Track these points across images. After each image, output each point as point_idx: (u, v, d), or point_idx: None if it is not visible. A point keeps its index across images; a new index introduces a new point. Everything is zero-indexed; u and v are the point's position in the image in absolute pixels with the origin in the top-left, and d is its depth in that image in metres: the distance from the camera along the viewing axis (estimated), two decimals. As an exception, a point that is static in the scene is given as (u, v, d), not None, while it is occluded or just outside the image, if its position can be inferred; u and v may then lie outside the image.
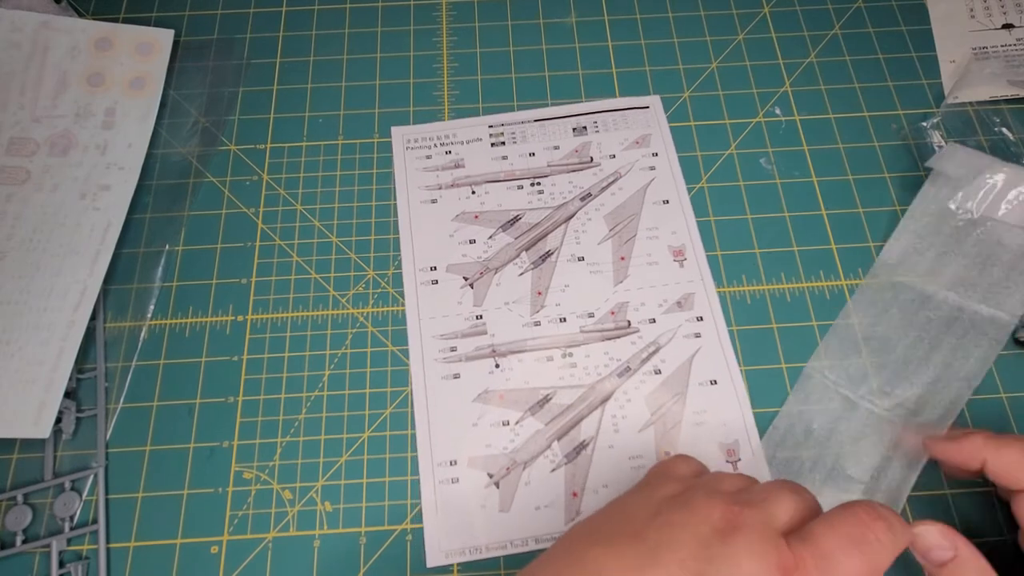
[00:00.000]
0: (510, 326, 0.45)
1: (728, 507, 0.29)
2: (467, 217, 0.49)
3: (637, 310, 0.46)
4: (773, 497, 0.30)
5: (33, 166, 0.49)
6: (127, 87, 0.51)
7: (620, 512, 0.32)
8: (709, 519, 0.29)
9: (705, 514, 0.29)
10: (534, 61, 0.55)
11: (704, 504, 0.30)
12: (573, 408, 0.43)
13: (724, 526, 0.28)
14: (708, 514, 0.29)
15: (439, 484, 0.41)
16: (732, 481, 0.32)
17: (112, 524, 0.41)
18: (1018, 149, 0.50)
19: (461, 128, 0.52)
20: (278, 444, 0.43)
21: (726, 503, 0.29)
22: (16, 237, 0.46)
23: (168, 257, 0.48)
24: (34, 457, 0.43)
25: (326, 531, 0.41)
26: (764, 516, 0.29)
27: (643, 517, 0.30)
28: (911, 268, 0.46)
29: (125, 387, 0.44)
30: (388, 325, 0.46)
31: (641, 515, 0.31)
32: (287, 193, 0.50)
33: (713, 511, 0.29)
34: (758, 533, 0.28)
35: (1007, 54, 0.54)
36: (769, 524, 0.29)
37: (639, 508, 0.31)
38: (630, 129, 0.52)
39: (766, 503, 0.30)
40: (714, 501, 0.30)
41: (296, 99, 0.53)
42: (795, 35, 0.55)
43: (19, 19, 0.52)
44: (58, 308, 0.45)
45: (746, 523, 0.28)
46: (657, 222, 0.48)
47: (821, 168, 0.51)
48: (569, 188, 0.49)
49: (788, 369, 0.44)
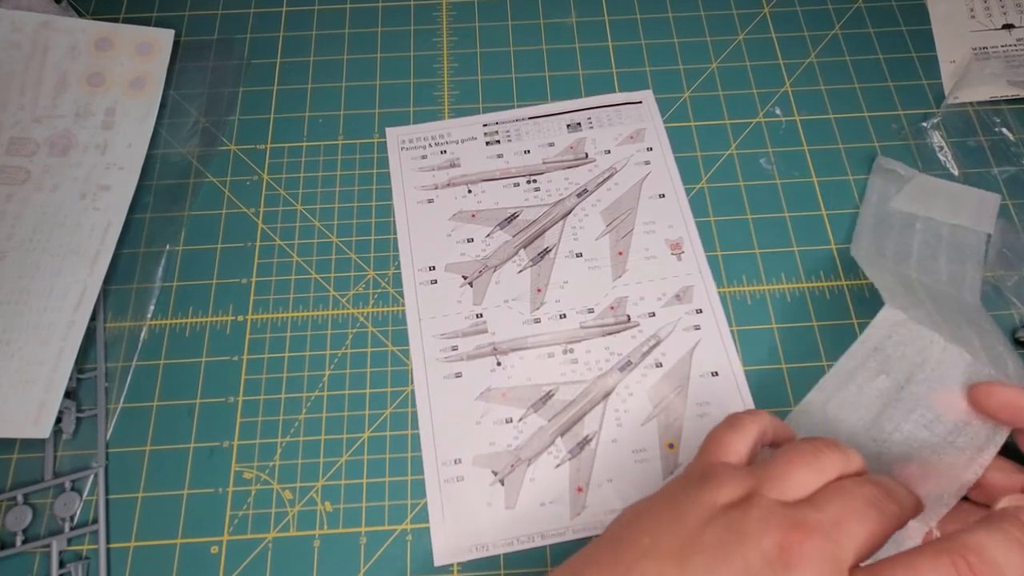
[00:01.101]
0: (510, 324, 0.45)
1: (787, 533, 0.26)
2: (464, 216, 0.49)
3: (636, 304, 0.46)
4: (848, 517, 0.27)
5: (33, 166, 0.48)
6: (127, 87, 0.51)
7: (671, 511, 0.29)
8: (761, 547, 0.26)
9: (756, 540, 0.26)
10: (534, 61, 0.55)
11: (760, 527, 0.26)
12: (575, 404, 0.43)
13: (778, 556, 0.25)
14: (760, 540, 0.26)
15: (444, 483, 0.41)
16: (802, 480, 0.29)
17: (112, 524, 0.41)
18: (1018, 149, 0.50)
19: (456, 127, 0.52)
20: (278, 444, 0.43)
21: (785, 527, 0.26)
22: (16, 237, 0.46)
23: (168, 257, 0.48)
24: (34, 457, 0.42)
25: (326, 531, 0.41)
26: (830, 549, 0.26)
27: (694, 527, 0.27)
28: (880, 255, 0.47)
29: (125, 387, 0.44)
30: (388, 325, 0.46)
31: (692, 523, 0.28)
32: (287, 193, 0.50)
33: (767, 536, 0.26)
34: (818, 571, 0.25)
35: (1007, 54, 0.54)
36: (836, 559, 0.26)
37: (690, 513, 0.28)
38: (624, 124, 0.52)
39: (838, 528, 0.26)
40: (771, 522, 0.26)
41: (296, 99, 0.53)
42: (795, 35, 0.56)
43: (19, 19, 0.52)
44: (58, 308, 0.44)
45: (806, 556, 0.25)
46: (654, 216, 0.48)
47: (821, 168, 0.51)
48: (565, 184, 0.49)
49: (788, 369, 0.44)
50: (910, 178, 0.49)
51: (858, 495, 0.28)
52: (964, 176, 0.50)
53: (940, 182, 0.49)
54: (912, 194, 0.48)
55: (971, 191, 0.48)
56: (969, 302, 0.45)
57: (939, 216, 0.47)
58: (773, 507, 0.27)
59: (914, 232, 0.47)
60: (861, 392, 0.37)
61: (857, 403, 0.37)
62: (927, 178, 0.49)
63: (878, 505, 0.27)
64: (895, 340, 0.38)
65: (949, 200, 0.48)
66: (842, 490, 0.28)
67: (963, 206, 0.48)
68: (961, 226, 0.47)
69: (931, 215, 0.48)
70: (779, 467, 0.29)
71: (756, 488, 0.28)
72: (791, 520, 0.26)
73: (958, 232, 0.47)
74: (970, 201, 0.48)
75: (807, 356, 0.45)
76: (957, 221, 0.47)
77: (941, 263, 0.46)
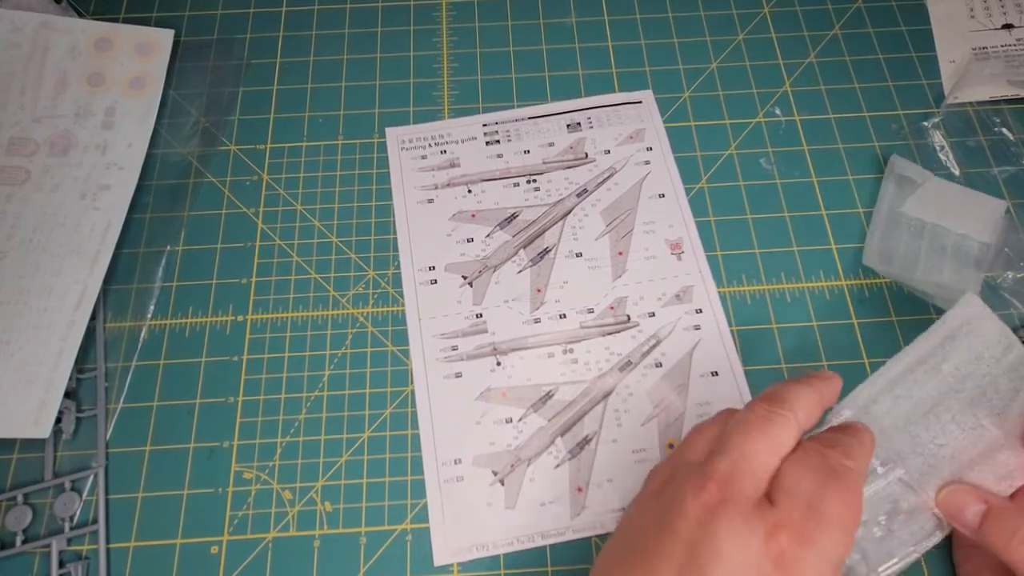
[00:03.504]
0: (510, 324, 0.45)
1: (703, 487, 0.27)
2: (464, 216, 0.49)
3: (636, 304, 0.46)
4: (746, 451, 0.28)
5: (33, 166, 0.48)
6: (127, 87, 0.51)
7: (622, 521, 0.32)
8: (686, 511, 0.27)
9: (680, 506, 0.28)
10: (534, 61, 0.55)
11: (679, 492, 0.28)
12: (575, 404, 0.43)
13: (704, 515, 0.27)
14: (683, 505, 0.27)
15: (444, 483, 0.41)
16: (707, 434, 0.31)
17: (112, 524, 0.41)
18: (1018, 149, 0.50)
19: (455, 127, 0.52)
20: (278, 444, 0.43)
21: (699, 481, 0.28)
22: (16, 237, 0.46)
23: (168, 257, 0.48)
24: (34, 457, 0.42)
25: (326, 531, 0.41)
26: (742, 484, 0.27)
27: (637, 523, 0.30)
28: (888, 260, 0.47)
29: (125, 387, 0.44)
30: (388, 325, 0.46)
31: (635, 521, 0.30)
32: (287, 193, 0.50)
33: (689, 498, 0.27)
34: (739, 511, 0.27)
35: (1007, 54, 0.54)
36: (750, 491, 0.27)
37: (632, 512, 0.31)
38: (624, 124, 0.52)
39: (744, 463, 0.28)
40: (688, 483, 0.28)
41: (296, 99, 0.53)
42: (795, 35, 0.56)
43: (19, 19, 0.52)
44: (58, 308, 0.44)
45: (724, 500, 0.27)
46: (654, 216, 0.48)
47: (821, 168, 0.51)
48: (565, 184, 0.49)
49: (788, 369, 0.44)
50: (923, 182, 0.48)
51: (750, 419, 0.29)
52: (964, 176, 0.50)
53: (952, 186, 0.48)
54: (924, 198, 0.48)
55: (980, 197, 0.48)
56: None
57: (948, 224, 0.47)
58: (687, 473, 0.29)
59: (922, 239, 0.47)
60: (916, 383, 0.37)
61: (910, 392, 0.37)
62: (940, 182, 0.48)
63: (770, 417, 0.29)
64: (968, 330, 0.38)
65: (958, 207, 0.48)
66: (736, 422, 0.30)
67: (971, 214, 0.47)
68: (968, 236, 0.47)
69: (940, 223, 0.47)
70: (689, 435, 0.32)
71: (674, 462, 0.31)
72: (702, 475, 0.28)
73: (964, 242, 0.47)
74: (978, 208, 0.48)
75: (807, 356, 0.45)
76: (964, 231, 0.47)
77: (945, 275, 0.46)
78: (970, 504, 0.33)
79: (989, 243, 0.46)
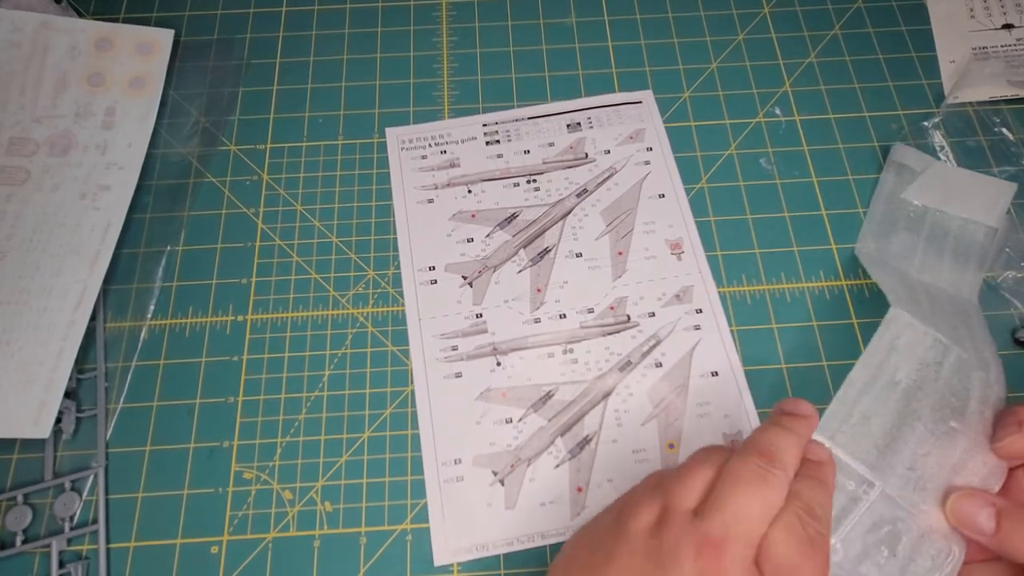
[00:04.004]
0: (510, 324, 0.45)
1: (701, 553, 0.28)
2: (464, 216, 0.49)
3: (636, 304, 0.46)
4: (740, 512, 0.29)
5: (33, 166, 0.48)
6: (127, 87, 0.51)
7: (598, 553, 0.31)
8: (682, 572, 0.28)
9: (678, 565, 0.28)
10: (534, 61, 0.55)
11: (677, 549, 0.29)
12: (575, 404, 0.43)
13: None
14: (681, 566, 0.28)
15: (444, 483, 0.41)
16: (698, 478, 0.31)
17: (112, 524, 0.41)
18: (1018, 149, 0.50)
19: (456, 127, 0.52)
20: (278, 444, 0.43)
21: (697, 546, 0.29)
22: (16, 237, 0.46)
23: (168, 257, 0.48)
24: (34, 457, 0.42)
25: (326, 531, 0.41)
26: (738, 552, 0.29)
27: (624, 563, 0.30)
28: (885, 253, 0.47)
29: (125, 387, 0.44)
30: (388, 325, 0.46)
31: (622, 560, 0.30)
32: (287, 193, 0.50)
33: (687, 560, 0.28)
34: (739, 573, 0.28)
35: (1007, 54, 0.54)
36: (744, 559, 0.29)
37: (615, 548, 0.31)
38: (624, 124, 0.52)
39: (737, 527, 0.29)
40: (685, 544, 0.29)
41: (296, 99, 0.53)
42: (795, 35, 0.56)
43: (19, 19, 0.52)
44: (58, 308, 0.44)
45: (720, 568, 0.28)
46: (654, 216, 0.48)
47: (821, 168, 0.51)
48: (565, 184, 0.49)
49: (788, 369, 0.44)
50: (923, 169, 0.48)
51: (746, 475, 0.30)
52: (964, 176, 0.50)
53: (956, 170, 0.48)
54: (926, 184, 0.48)
55: (986, 180, 0.48)
56: (966, 300, 0.45)
57: (951, 209, 0.47)
58: (684, 525, 0.29)
59: (923, 227, 0.47)
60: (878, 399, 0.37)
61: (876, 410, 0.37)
62: (943, 167, 0.48)
63: (764, 476, 0.30)
64: (905, 340, 0.38)
65: (963, 190, 0.47)
66: (732, 475, 0.31)
67: (976, 197, 0.47)
68: (971, 220, 0.47)
69: (943, 208, 0.47)
70: (678, 474, 0.32)
71: (666, 503, 0.31)
72: (700, 534, 0.29)
73: (968, 227, 0.47)
74: (984, 191, 0.47)
75: (807, 356, 0.45)
76: (968, 215, 0.47)
77: (945, 260, 0.46)
78: (982, 507, 0.33)
79: (996, 228, 0.46)
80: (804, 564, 0.29)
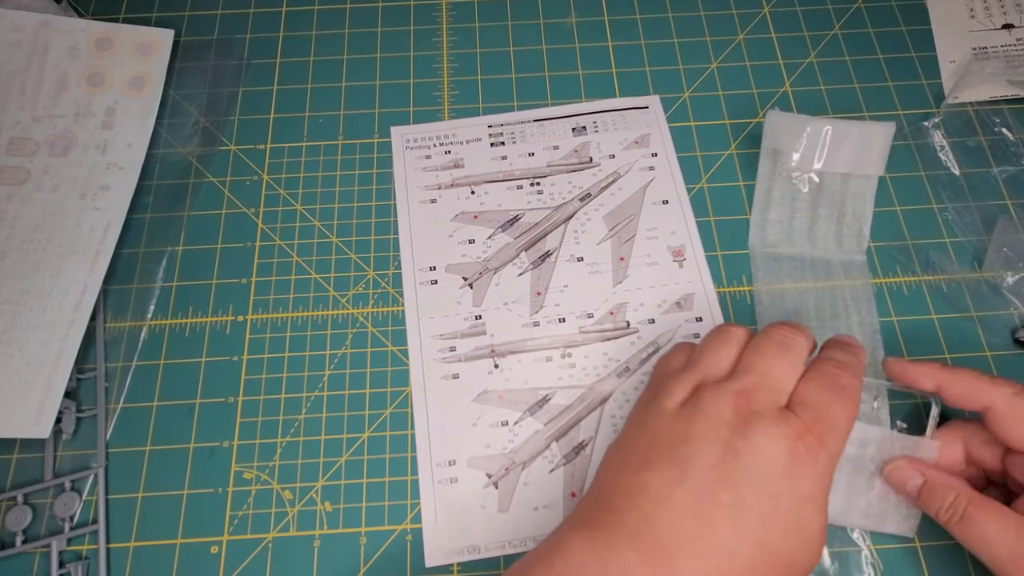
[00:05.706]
0: (509, 326, 0.45)
1: (735, 401, 0.32)
2: (466, 217, 0.49)
3: (636, 310, 0.46)
4: (768, 370, 0.33)
5: (33, 166, 0.49)
6: (127, 87, 0.52)
7: (645, 432, 0.34)
8: (722, 419, 0.31)
9: (717, 416, 0.31)
10: (534, 61, 0.55)
11: (713, 405, 0.32)
12: (572, 408, 0.43)
13: (738, 421, 0.31)
14: (719, 415, 0.31)
15: (438, 484, 0.41)
16: (725, 356, 0.35)
17: (112, 524, 0.41)
18: (1018, 149, 0.50)
19: (460, 128, 0.52)
20: (278, 444, 0.43)
21: (732, 397, 0.32)
22: (16, 237, 0.46)
23: (168, 257, 0.48)
24: (34, 457, 0.43)
25: (326, 531, 0.41)
26: (769, 397, 0.32)
27: (667, 432, 0.32)
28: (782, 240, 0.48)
29: (125, 387, 0.44)
30: (388, 325, 0.46)
31: (665, 430, 0.33)
32: (287, 193, 0.50)
33: (724, 409, 0.32)
34: (769, 418, 0.31)
35: (1007, 54, 0.54)
36: (775, 403, 0.32)
37: (659, 424, 0.33)
38: (629, 129, 0.52)
39: (766, 381, 0.33)
40: (721, 399, 0.32)
41: (296, 99, 0.53)
42: (795, 35, 0.55)
43: (19, 19, 0.52)
44: (58, 308, 0.45)
45: (755, 410, 0.31)
46: (656, 222, 0.48)
47: (821, 168, 0.50)
48: (568, 188, 0.49)
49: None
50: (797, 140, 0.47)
51: (769, 345, 0.34)
52: (964, 175, 0.50)
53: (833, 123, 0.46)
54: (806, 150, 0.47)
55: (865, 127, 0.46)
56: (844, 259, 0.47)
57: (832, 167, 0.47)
58: (716, 387, 0.33)
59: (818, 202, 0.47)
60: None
61: None
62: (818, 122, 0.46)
63: (786, 343, 0.34)
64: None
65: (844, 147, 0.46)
66: (755, 348, 0.35)
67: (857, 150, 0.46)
68: (853, 175, 0.47)
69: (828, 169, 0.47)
70: (705, 354, 0.35)
71: (698, 379, 0.34)
72: (733, 390, 0.32)
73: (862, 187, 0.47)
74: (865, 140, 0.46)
75: (806, 357, 0.45)
76: (849, 169, 0.46)
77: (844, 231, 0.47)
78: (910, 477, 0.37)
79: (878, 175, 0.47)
80: (833, 403, 0.32)
